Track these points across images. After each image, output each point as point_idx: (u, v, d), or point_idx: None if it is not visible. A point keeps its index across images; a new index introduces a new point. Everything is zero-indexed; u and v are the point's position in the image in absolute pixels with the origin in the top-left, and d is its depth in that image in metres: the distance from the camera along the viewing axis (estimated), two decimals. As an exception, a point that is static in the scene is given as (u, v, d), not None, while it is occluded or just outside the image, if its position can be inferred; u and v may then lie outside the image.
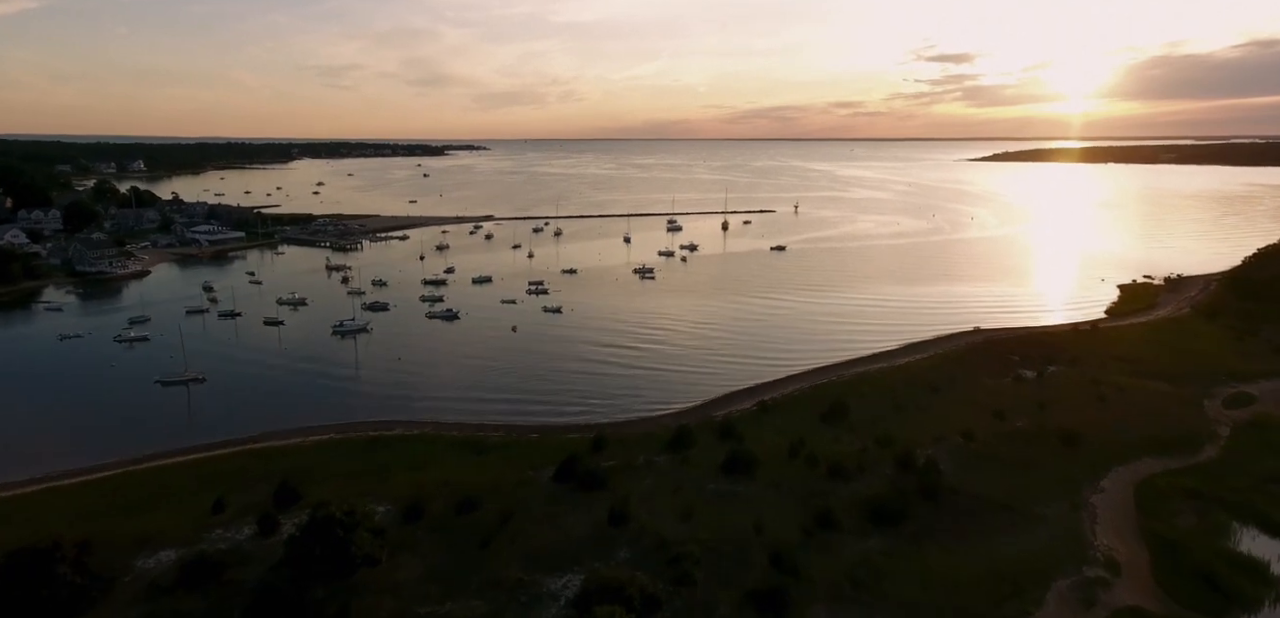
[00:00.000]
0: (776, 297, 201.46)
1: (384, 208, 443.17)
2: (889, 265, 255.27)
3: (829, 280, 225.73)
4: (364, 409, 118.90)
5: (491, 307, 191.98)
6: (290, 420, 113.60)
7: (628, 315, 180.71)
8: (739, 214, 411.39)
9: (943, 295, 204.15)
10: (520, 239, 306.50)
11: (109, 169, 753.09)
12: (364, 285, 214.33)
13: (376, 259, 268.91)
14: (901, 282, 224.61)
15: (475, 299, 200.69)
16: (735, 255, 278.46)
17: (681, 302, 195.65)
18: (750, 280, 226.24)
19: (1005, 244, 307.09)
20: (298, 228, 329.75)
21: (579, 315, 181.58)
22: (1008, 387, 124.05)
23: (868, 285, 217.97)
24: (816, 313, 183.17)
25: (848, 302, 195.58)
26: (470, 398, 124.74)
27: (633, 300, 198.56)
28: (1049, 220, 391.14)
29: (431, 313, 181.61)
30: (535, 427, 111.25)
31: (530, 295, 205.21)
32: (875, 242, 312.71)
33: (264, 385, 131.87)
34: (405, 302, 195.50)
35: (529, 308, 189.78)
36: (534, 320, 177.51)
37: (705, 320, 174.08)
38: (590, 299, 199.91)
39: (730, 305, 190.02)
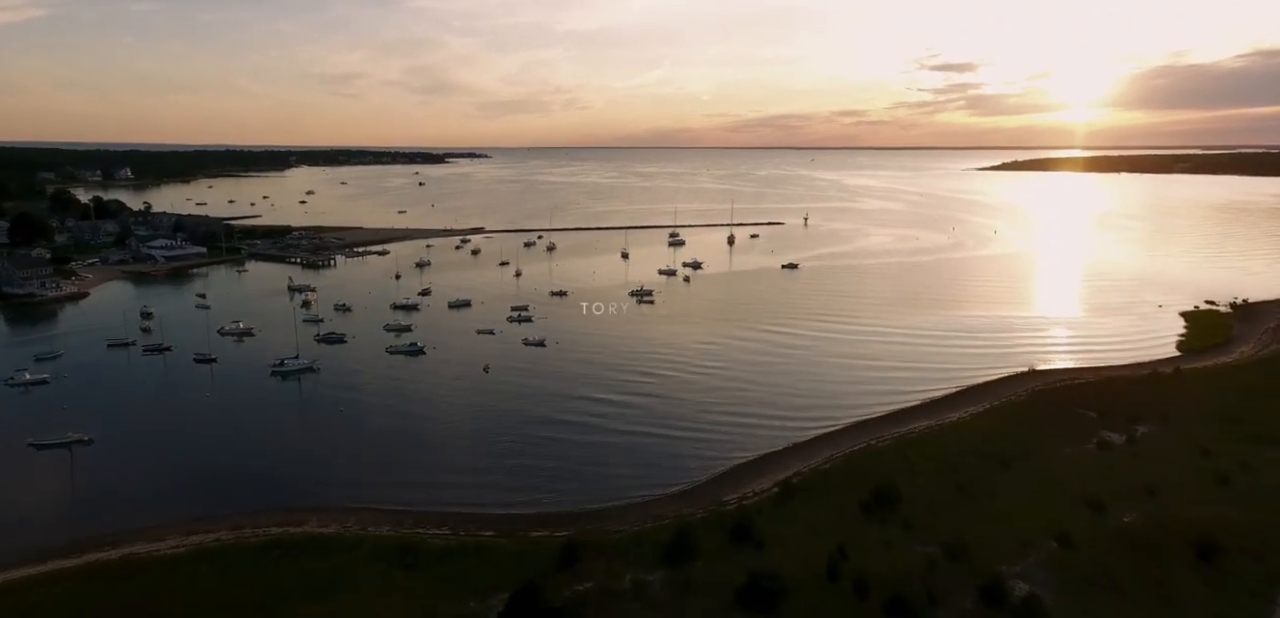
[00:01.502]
0: (792, 326, 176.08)
1: (371, 219, 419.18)
2: (914, 287, 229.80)
3: (850, 306, 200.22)
4: (278, 488, 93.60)
5: (465, 338, 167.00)
6: (178, 506, 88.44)
7: (621, 351, 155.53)
8: (745, 227, 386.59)
9: (981, 324, 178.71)
10: (509, 254, 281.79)
11: (94, 177, 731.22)
12: (324, 311, 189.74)
13: (347, 278, 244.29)
14: (931, 307, 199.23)
15: (448, 328, 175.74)
16: (743, 274, 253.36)
17: (683, 332, 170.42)
18: (761, 305, 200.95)
19: (1036, 262, 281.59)
20: (269, 242, 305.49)
21: (564, 350, 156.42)
22: (1094, 457, 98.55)
23: (894, 312, 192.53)
24: (840, 348, 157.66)
25: (874, 333, 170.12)
26: (416, 471, 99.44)
27: (628, 330, 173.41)
28: (1076, 234, 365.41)
29: (393, 347, 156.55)
30: (491, 518, 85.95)
31: (512, 323, 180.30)
32: (895, 258, 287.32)
33: (165, 449, 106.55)
34: (367, 332, 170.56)
35: (508, 340, 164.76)
36: (511, 357, 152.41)
37: (710, 358, 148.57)
38: (579, 328, 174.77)
39: (739, 338, 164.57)
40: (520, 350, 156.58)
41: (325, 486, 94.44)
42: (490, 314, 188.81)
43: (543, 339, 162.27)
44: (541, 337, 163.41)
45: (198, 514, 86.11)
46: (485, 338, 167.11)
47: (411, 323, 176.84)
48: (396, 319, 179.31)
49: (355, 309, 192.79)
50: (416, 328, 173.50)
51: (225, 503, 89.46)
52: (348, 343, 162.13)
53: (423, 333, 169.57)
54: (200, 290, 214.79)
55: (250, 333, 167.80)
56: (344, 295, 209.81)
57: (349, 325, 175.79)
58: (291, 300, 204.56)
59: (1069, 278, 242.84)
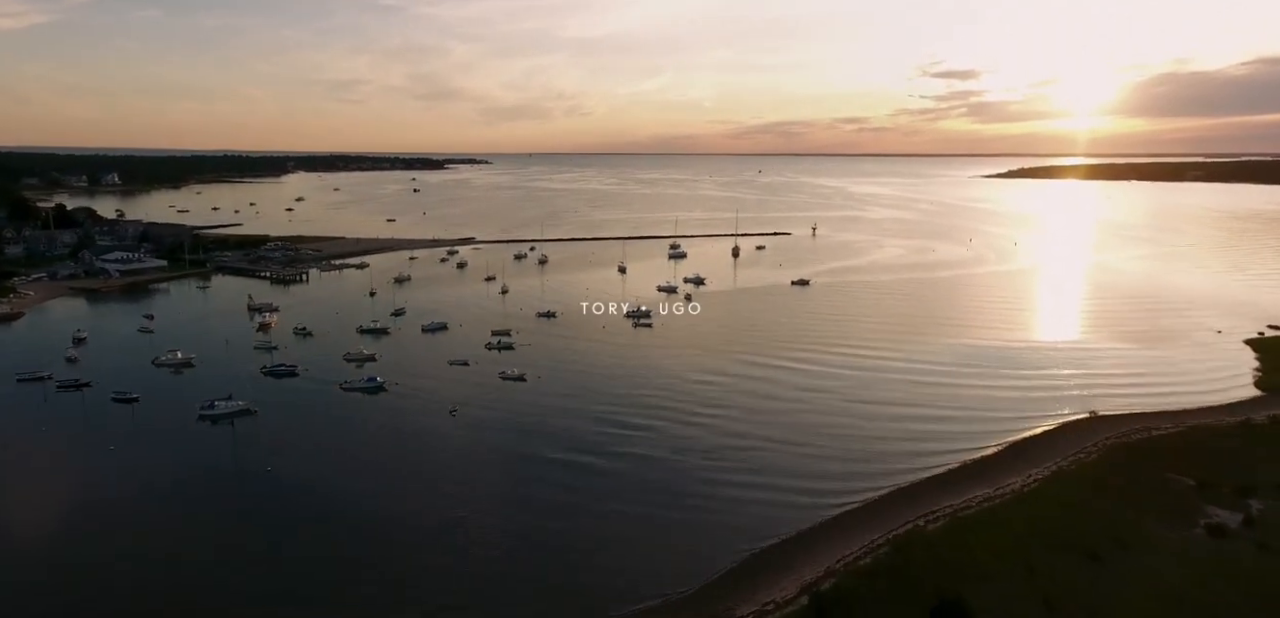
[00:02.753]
0: (807, 358, 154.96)
1: (358, 227, 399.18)
2: (940, 308, 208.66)
3: (871, 331, 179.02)
4: (140, 606, 72.48)
5: (435, 371, 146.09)
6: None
7: (611, 390, 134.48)
8: (751, 237, 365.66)
9: (1023, 354, 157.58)
10: (498, 268, 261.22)
11: (80, 183, 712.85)
12: (282, 336, 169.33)
13: (317, 295, 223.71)
14: (962, 331, 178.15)
15: (417, 358, 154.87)
16: (749, 292, 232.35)
17: (683, 366, 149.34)
18: (770, 331, 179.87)
19: (1067, 278, 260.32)
20: (241, 254, 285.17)
21: (546, 388, 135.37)
22: (1207, 549, 77.32)
23: (922, 338, 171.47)
24: (864, 386, 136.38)
25: (902, 366, 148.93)
26: (330, 576, 78.38)
27: (621, 361, 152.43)
28: (1102, 246, 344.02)
29: (349, 383, 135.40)
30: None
31: (491, 351, 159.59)
32: (914, 274, 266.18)
33: (15, 545, 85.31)
34: (324, 362, 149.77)
35: (484, 373, 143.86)
36: (484, 396, 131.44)
37: (714, 403, 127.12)
38: (566, 359, 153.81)
39: (747, 374, 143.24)
40: (496, 388, 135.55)
41: (210, 596, 73.22)
42: (468, 340, 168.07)
43: (523, 374, 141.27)
44: (521, 370, 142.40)
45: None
46: (458, 370, 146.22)
47: (376, 352, 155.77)
48: (361, 346, 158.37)
49: (317, 334, 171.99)
50: (382, 358, 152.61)
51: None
52: (299, 376, 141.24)
53: (388, 364, 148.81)
54: (148, 311, 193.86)
55: (189, 364, 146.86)
56: (308, 316, 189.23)
57: (305, 354, 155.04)
58: (250, 321, 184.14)
59: (1109, 298, 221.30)
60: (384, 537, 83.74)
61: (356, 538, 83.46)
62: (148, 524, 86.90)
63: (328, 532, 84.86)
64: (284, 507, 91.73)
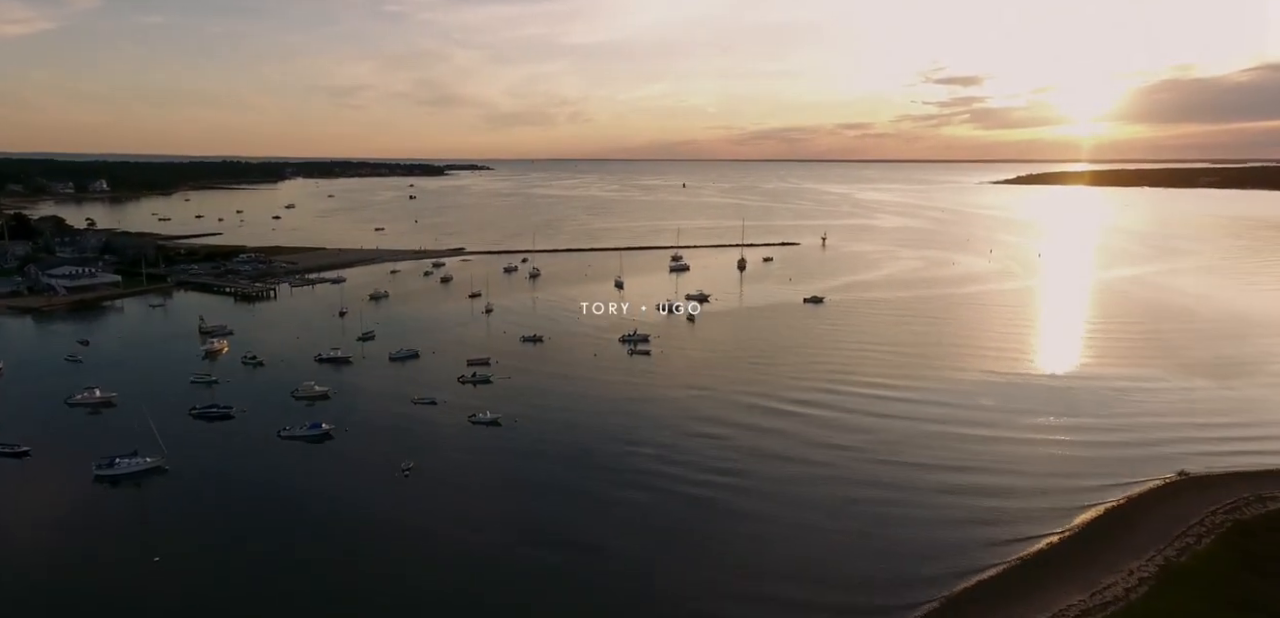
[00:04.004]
0: (826, 397, 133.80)
1: (343, 236, 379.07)
2: (971, 331, 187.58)
3: (897, 361, 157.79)
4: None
5: (396, 411, 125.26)
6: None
7: (597, 441, 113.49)
8: (757, 248, 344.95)
9: (1077, 392, 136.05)
10: (484, 282, 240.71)
11: (67, 190, 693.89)
12: (228, 367, 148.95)
13: (281, 315, 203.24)
14: (1001, 360, 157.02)
15: (377, 395, 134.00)
16: (758, 311, 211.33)
17: (682, 410, 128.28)
18: (783, 360, 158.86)
19: (1103, 295, 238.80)
20: (210, 266, 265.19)
21: (522, 438, 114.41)
22: None
23: (956, 370, 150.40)
24: (897, 438, 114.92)
25: (938, 407, 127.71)
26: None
27: (611, 401, 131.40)
28: (1133, 259, 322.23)
29: (288, 432, 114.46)
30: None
31: (463, 386, 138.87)
32: (935, 290, 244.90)
33: None
34: (268, 401, 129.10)
35: (452, 415, 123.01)
36: (449, 446, 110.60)
37: (715, 465, 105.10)
38: (548, 398, 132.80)
39: (757, 422, 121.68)
40: (462, 436, 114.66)
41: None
42: (440, 371, 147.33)
43: (497, 418, 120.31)
44: (495, 413, 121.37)
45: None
46: (423, 412, 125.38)
47: (332, 387, 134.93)
48: (315, 381, 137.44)
49: (268, 364, 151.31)
50: (337, 395, 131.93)
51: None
52: (234, 418, 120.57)
53: (342, 403, 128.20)
54: (86, 335, 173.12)
55: (109, 404, 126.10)
56: (265, 341, 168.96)
57: (249, 390, 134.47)
58: (200, 345, 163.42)
59: (1158, 320, 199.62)
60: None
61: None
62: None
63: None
64: (162, 587, 70.92)
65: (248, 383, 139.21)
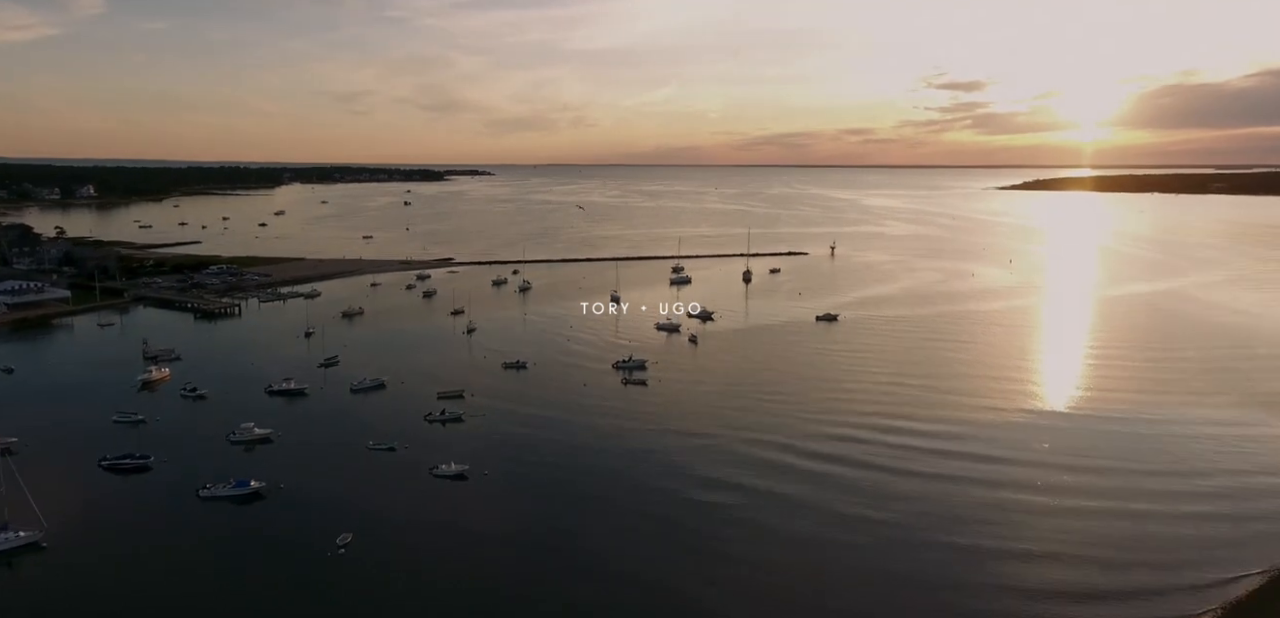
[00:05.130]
0: (852, 444, 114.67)
1: (329, 245, 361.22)
2: (1007, 357, 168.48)
3: (929, 395, 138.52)
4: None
5: (345, 464, 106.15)
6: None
7: (578, 510, 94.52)
8: (763, 258, 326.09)
9: (1145, 437, 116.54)
10: (469, 298, 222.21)
11: (52, 195, 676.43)
12: (165, 400, 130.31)
13: (241, 335, 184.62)
14: (1047, 394, 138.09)
15: (330, 437, 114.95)
16: (766, 331, 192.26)
17: (682, 461, 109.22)
18: (799, 394, 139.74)
19: (1146, 313, 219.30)
20: (177, 278, 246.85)
21: (489, 499, 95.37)
22: None
23: (997, 406, 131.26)
24: (942, 506, 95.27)
25: (985, 462, 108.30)
26: None
27: (601, 448, 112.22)
28: (1165, 269, 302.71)
29: (211, 491, 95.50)
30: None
31: (431, 426, 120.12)
32: (959, 306, 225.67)
33: None
34: (198, 446, 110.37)
35: (413, 464, 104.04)
36: (399, 511, 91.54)
37: (718, 546, 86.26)
38: (528, 441, 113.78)
39: (771, 481, 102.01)
40: (419, 496, 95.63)
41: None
42: (407, 405, 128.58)
43: (464, 470, 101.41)
44: (462, 464, 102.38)
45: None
46: (379, 460, 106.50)
47: (274, 429, 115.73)
48: (260, 418, 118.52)
49: (211, 397, 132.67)
50: (280, 438, 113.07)
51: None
52: (152, 470, 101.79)
53: (285, 448, 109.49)
54: (10, 363, 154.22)
55: (7, 451, 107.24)
56: (214, 368, 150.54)
57: (179, 431, 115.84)
58: (135, 374, 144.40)
59: (1215, 342, 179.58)
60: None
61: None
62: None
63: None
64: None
65: (180, 423, 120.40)
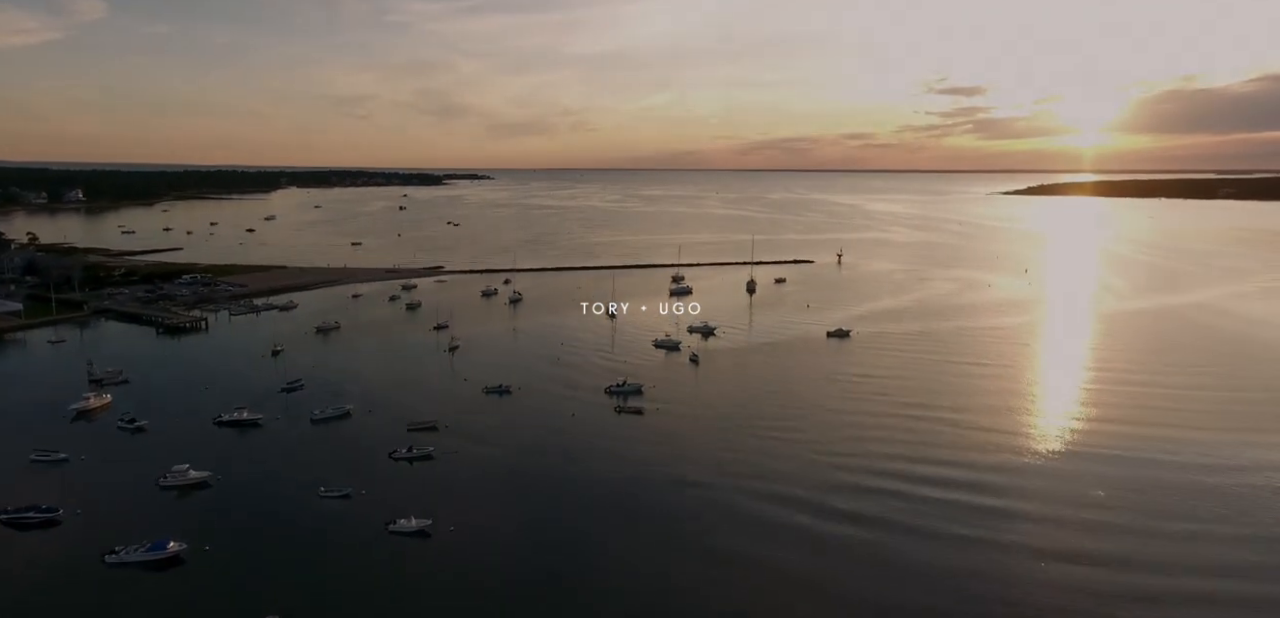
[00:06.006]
0: (888, 495, 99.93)
1: (316, 252, 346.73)
2: (1049, 383, 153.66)
3: (971, 432, 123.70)
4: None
5: (290, 512, 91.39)
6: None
7: (559, 574, 79.69)
8: (767, 266, 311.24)
9: (1222, 484, 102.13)
10: (455, 310, 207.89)
11: (40, 200, 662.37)
12: (101, 433, 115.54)
13: (205, 352, 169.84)
14: (1114, 432, 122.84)
15: (275, 480, 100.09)
16: (773, 348, 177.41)
17: (683, 520, 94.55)
18: (813, 428, 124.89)
19: (1184, 327, 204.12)
20: (148, 288, 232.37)
21: (453, 570, 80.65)
22: None
23: (1056, 445, 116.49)
24: (998, 576, 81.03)
25: (1041, 523, 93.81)
26: None
27: (587, 497, 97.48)
28: (1192, 280, 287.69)
29: (118, 557, 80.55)
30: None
31: (396, 465, 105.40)
32: (979, 321, 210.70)
33: None
34: (121, 494, 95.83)
35: (364, 521, 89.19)
36: (343, 581, 76.72)
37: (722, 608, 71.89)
38: (503, 488, 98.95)
39: (792, 551, 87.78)
40: (368, 562, 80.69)
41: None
42: (372, 439, 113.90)
43: (426, 526, 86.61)
44: (423, 521, 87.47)
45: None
46: (328, 512, 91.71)
47: (214, 471, 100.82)
48: (198, 459, 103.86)
49: (152, 429, 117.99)
50: (219, 483, 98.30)
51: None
52: (61, 524, 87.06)
53: (223, 495, 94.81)
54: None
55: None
56: (162, 393, 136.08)
57: (102, 475, 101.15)
58: (80, 401, 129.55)
59: (1266, 369, 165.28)
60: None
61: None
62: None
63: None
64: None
65: (108, 463, 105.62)
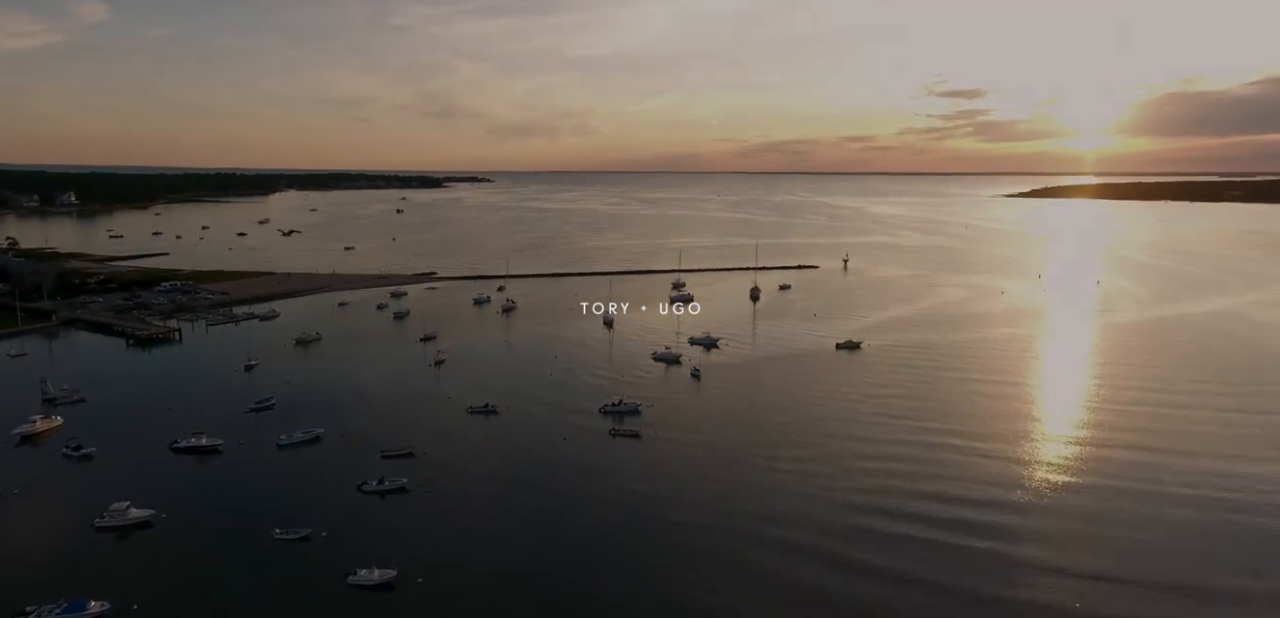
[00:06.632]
0: (897, 530, 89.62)
1: (306, 258, 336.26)
2: (1076, 402, 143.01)
3: (991, 455, 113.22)
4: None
5: (236, 559, 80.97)
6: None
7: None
8: (771, 272, 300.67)
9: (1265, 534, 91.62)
10: (445, 320, 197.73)
11: (31, 203, 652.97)
12: (43, 459, 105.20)
13: (174, 365, 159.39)
14: (1177, 465, 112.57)
15: (226, 521, 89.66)
16: (779, 361, 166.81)
17: (675, 562, 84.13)
18: (819, 451, 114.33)
19: (1217, 338, 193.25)
20: (122, 297, 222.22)
21: None
22: None
23: (1089, 480, 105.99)
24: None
25: (1101, 568, 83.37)
26: None
27: (570, 549, 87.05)
28: (1213, 286, 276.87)
29: (37, 611, 70.55)
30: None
31: (365, 499, 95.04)
32: (996, 331, 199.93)
33: None
34: (52, 533, 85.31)
35: (320, 572, 78.71)
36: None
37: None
38: (479, 531, 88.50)
39: (786, 594, 77.61)
40: (330, 612, 70.53)
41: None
42: (341, 467, 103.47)
43: (391, 577, 76.08)
44: (388, 571, 76.89)
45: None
46: (286, 555, 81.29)
47: (159, 509, 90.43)
48: (151, 485, 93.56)
49: (100, 455, 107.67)
50: (162, 524, 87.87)
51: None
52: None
53: (162, 540, 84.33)
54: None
55: None
56: (119, 413, 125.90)
57: (33, 513, 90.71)
58: (27, 424, 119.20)
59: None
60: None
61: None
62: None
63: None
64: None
65: (42, 498, 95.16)
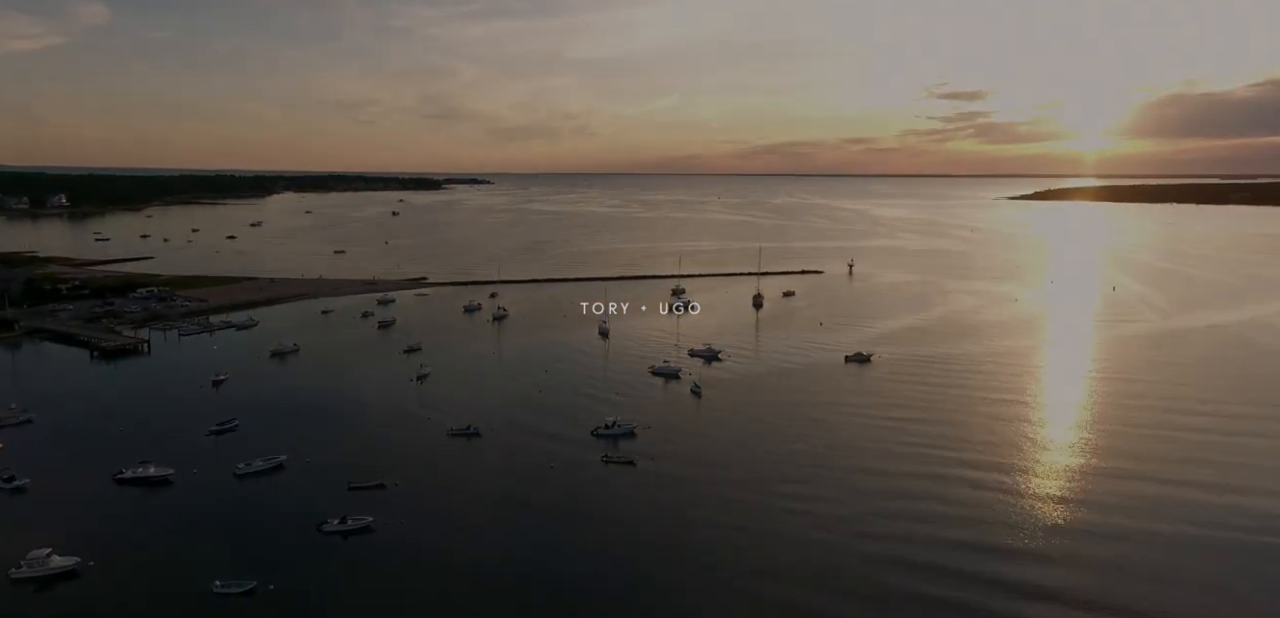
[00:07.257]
0: (925, 590, 79.11)
1: (296, 261, 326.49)
2: (1112, 423, 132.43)
3: (1023, 493, 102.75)
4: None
5: (172, 612, 70.58)
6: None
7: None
8: (774, 277, 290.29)
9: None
10: (433, 329, 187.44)
11: (21, 205, 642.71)
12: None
13: (141, 379, 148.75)
14: (1187, 501, 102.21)
15: (161, 571, 79.07)
16: (785, 376, 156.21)
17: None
18: (830, 482, 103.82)
19: (1242, 348, 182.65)
20: (95, 304, 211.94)
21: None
22: None
23: (1140, 521, 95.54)
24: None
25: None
26: None
27: (555, 594, 76.51)
28: (1235, 294, 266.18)
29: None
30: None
31: (325, 541, 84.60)
32: (1013, 341, 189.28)
33: None
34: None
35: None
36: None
37: None
38: (449, 583, 77.76)
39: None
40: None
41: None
42: (301, 504, 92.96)
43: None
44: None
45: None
46: (217, 611, 70.75)
47: (86, 555, 79.97)
48: (88, 523, 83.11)
49: (33, 489, 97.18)
50: (88, 572, 77.40)
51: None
52: None
53: (88, 590, 73.90)
54: None
55: None
56: (69, 436, 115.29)
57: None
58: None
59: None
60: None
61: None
62: None
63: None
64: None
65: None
